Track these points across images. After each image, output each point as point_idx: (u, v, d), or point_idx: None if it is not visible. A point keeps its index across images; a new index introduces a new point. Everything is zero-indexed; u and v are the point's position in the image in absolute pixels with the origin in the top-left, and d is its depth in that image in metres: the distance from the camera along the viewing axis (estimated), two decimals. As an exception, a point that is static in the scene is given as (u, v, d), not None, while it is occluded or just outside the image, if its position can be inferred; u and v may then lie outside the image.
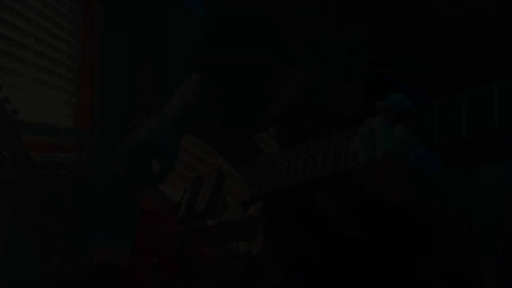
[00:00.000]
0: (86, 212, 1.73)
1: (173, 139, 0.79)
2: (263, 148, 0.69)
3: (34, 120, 1.64)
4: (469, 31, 0.59)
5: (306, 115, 0.65)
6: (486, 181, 0.57)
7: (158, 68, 2.54)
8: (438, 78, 0.59)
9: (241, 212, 0.68)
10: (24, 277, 1.40)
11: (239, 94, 0.78)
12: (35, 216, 1.11)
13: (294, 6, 0.70)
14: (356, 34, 0.64)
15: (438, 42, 0.60)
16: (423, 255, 0.60)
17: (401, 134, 0.47)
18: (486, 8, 0.59)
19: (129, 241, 0.87)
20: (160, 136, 0.79)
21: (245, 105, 0.77)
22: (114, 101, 2.33)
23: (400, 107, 0.49)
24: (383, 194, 0.51)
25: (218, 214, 0.72)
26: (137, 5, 2.53)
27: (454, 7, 0.60)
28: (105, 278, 1.07)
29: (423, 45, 0.61)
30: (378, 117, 0.50)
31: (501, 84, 0.39)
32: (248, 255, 0.66)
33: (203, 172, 0.78)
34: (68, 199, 1.24)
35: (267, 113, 0.72)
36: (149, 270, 0.80)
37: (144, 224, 0.89)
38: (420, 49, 0.61)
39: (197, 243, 0.73)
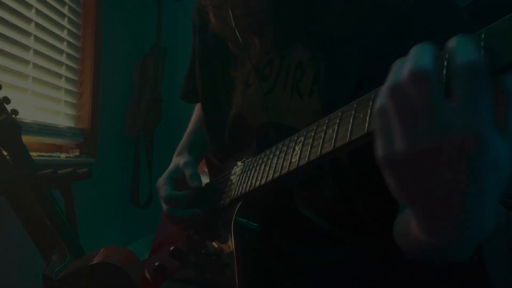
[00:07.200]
0: (86, 212, 1.73)
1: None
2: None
3: (34, 120, 1.64)
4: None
5: (266, 131, 0.69)
6: None
7: (158, 67, 2.54)
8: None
9: (223, 213, 0.72)
10: (24, 277, 1.40)
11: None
12: (35, 216, 1.11)
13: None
14: (299, 54, 0.68)
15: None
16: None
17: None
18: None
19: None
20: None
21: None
22: (114, 101, 2.33)
23: None
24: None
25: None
26: (137, 4, 2.53)
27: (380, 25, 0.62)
28: (105, 278, 1.07)
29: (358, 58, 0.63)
30: None
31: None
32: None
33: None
34: (68, 199, 1.24)
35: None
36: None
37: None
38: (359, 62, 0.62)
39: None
